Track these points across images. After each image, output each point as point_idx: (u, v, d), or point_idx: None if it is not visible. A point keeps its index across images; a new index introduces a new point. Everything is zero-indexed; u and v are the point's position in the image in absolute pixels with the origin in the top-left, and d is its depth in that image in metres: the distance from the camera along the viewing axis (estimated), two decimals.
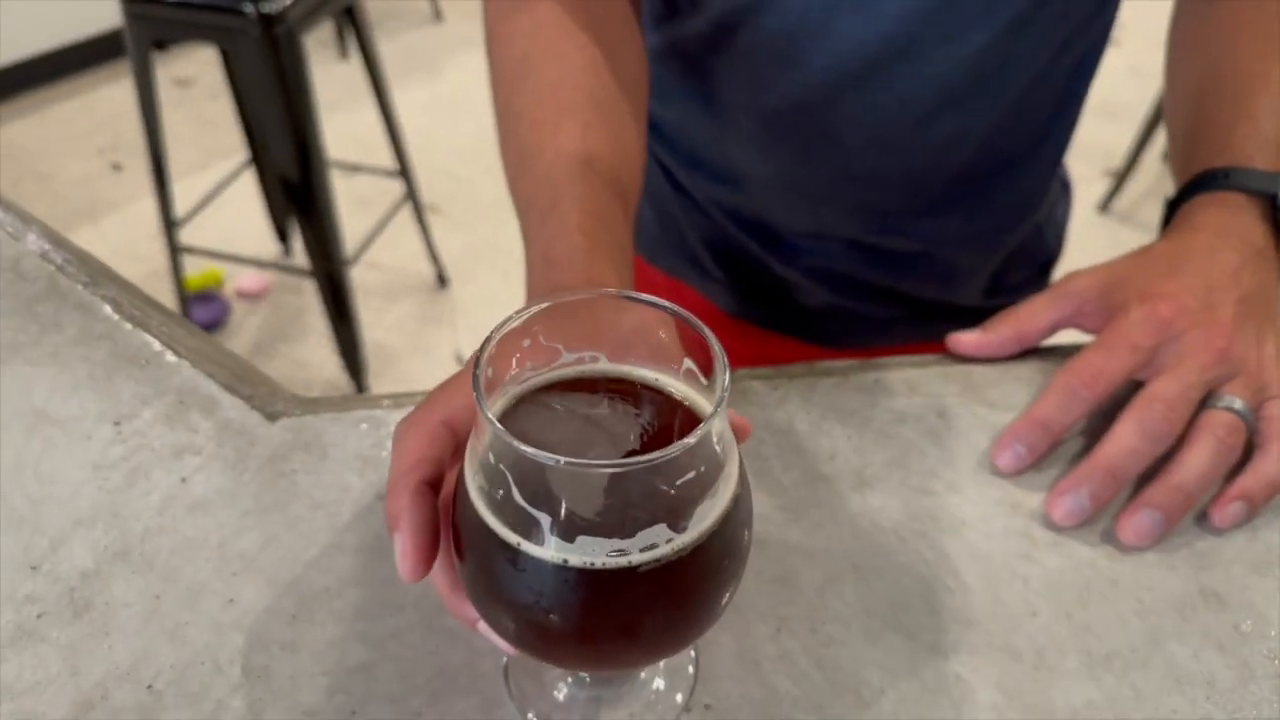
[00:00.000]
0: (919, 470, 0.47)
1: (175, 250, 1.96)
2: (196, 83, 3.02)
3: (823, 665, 0.40)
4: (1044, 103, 0.64)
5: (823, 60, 0.59)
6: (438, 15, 3.43)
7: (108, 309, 0.55)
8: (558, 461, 0.27)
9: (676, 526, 0.29)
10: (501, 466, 0.29)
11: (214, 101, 2.84)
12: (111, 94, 2.99)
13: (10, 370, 0.52)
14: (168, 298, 2.02)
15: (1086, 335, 0.51)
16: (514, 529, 0.29)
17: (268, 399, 0.51)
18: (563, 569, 0.29)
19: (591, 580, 0.29)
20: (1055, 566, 0.43)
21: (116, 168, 2.70)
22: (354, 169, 2.26)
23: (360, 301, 2.00)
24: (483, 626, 0.34)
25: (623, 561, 0.29)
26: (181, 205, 1.98)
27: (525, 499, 0.29)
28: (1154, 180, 2.56)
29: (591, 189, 0.48)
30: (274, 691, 0.39)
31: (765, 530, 0.45)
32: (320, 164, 1.79)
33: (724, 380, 0.30)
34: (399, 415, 0.49)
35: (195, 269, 2.14)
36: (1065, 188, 0.78)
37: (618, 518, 0.29)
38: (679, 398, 0.34)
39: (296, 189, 1.79)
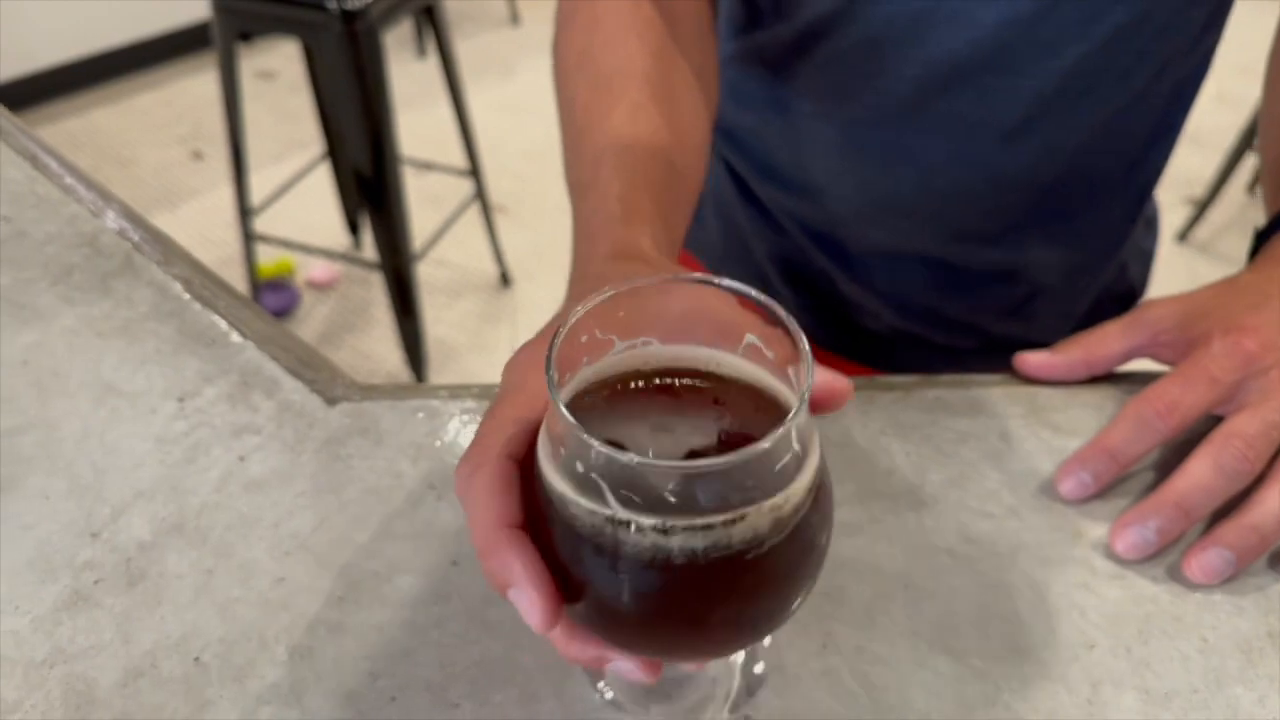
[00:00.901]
0: (978, 492, 0.46)
1: (249, 238, 2.00)
2: (278, 76, 3.10)
3: (867, 684, 0.39)
4: (1138, 127, 0.62)
5: (911, 70, 0.58)
6: (515, 18, 3.47)
7: (179, 288, 0.57)
8: (645, 462, 0.27)
9: (760, 515, 0.29)
10: (592, 475, 0.29)
11: (294, 95, 2.91)
12: (195, 84, 3.08)
13: (82, 341, 0.54)
14: (240, 284, 2.07)
15: (1161, 366, 0.50)
16: (607, 531, 0.29)
17: (328, 384, 0.51)
18: (657, 562, 0.29)
19: (684, 571, 0.29)
20: (1115, 599, 0.42)
21: (197, 156, 2.77)
22: (426, 166, 2.29)
23: (425, 297, 2.03)
24: (614, 665, 0.33)
25: (713, 552, 0.28)
26: (257, 195, 2.03)
27: (618, 501, 0.28)
28: (1236, 211, 2.49)
29: (636, 161, 0.48)
30: (317, 672, 0.39)
31: None
32: (393, 160, 1.82)
33: (808, 372, 0.29)
34: (455, 406, 0.50)
35: (268, 257, 2.19)
36: (1151, 223, 0.75)
37: (708, 508, 0.28)
38: (751, 381, 0.33)
39: (369, 183, 1.83)
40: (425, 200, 2.34)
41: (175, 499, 0.46)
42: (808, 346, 0.29)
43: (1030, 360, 0.52)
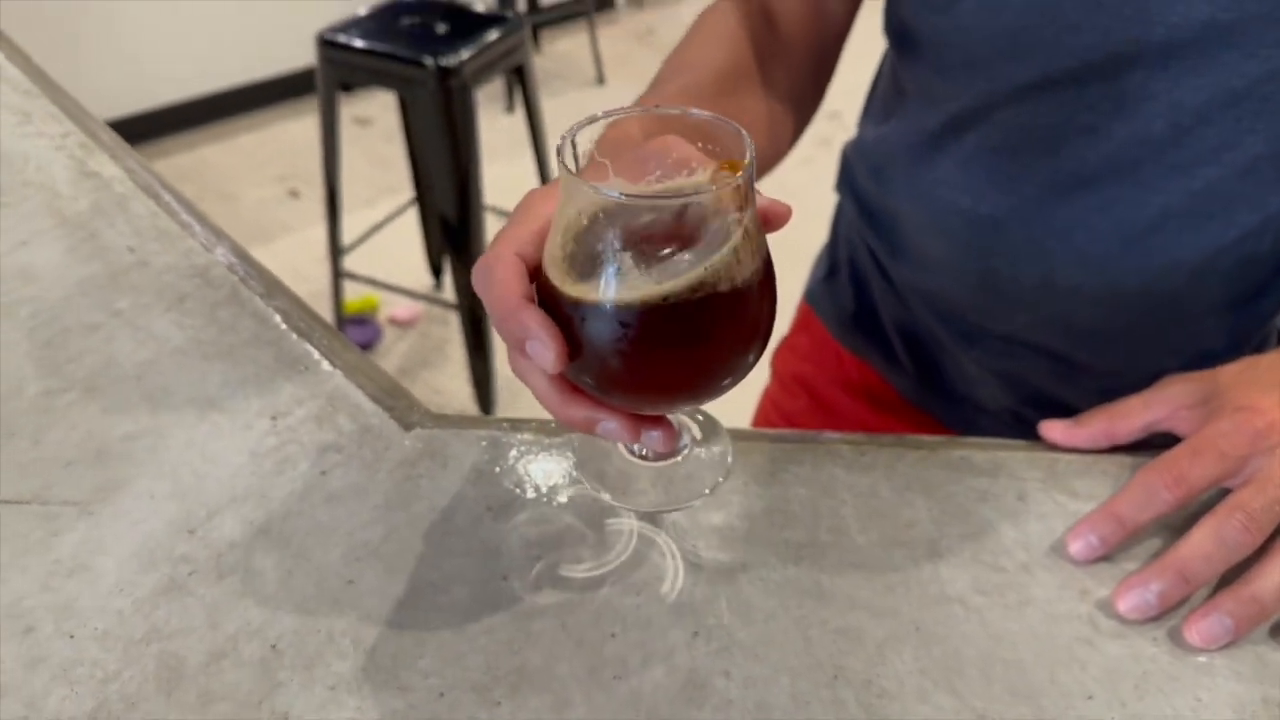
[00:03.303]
0: (992, 548, 0.49)
1: (338, 275, 2.11)
2: (374, 123, 3.25)
3: (871, 713, 0.42)
4: (1269, 253, 0.60)
5: (1042, 174, 0.60)
6: (600, 79, 3.59)
7: (278, 319, 0.63)
8: (627, 196, 0.37)
9: (719, 261, 0.38)
10: (583, 221, 0.38)
11: (388, 142, 3.05)
12: (296, 127, 3.25)
13: (190, 362, 0.60)
14: (326, 317, 2.17)
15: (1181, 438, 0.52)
16: (600, 283, 0.38)
17: (405, 411, 0.57)
18: (637, 305, 0.38)
19: (672, 309, 0.38)
20: (1115, 655, 0.45)
21: (294, 195, 2.92)
22: (507, 215, 2.38)
23: (498, 339, 2.10)
24: (601, 424, 0.42)
25: (681, 295, 0.38)
26: (348, 235, 2.14)
27: (607, 251, 0.38)
28: None
29: (670, 98, 0.53)
30: (376, 664, 0.44)
31: (835, 584, 0.47)
32: (478, 207, 1.91)
33: (749, 153, 0.39)
34: (514, 437, 0.55)
35: (354, 294, 2.30)
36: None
37: (674, 260, 0.38)
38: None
39: (454, 228, 1.91)
40: None
41: (263, 505, 0.51)
42: (750, 139, 0.40)
43: (1055, 428, 0.55)
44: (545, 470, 0.53)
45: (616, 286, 0.38)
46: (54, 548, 0.49)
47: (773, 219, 0.42)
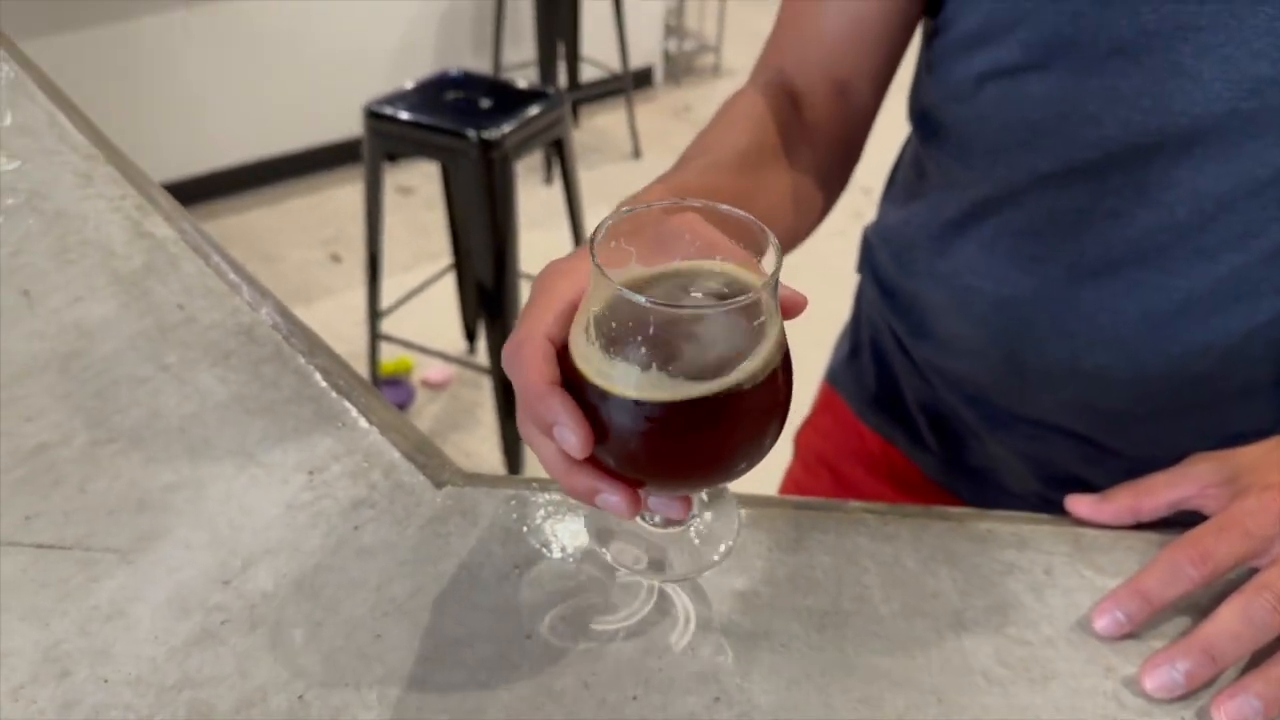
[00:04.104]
0: (1017, 620, 0.49)
1: (375, 337, 2.15)
2: (416, 192, 3.33)
3: None
4: None
5: (1066, 258, 0.61)
6: (637, 153, 3.66)
7: (318, 376, 0.65)
8: (652, 303, 0.38)
9: (738, 366, 0.40)
10: (613, 323, 0.39)
11: (429, 210, 3.13)
12: (341, 194, 3.33)
13: (232, 416, 0.62)
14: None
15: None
16: (627, 378, 0.40)
17: (437, 469, 0.58)
18: (659, 401, 0.39)
19: (698, 405, 0.40)
20: None
21: (336, 259, 2.99)
22: None
23: None
24: (601, 496, 0.42)
25: (702, 393, 0.39)
26: (386, 298, 2.18)
27: (634, 349, 0.39)
28: None
29: (693, 176, 0.54)
30: (400, 718, 0.44)
31: (857, 654, 0.47)
32: (514, 275, 1.95)
33: (776, 257, 0.41)
34: (542, 497, 0.56)
35: (389, 355, 2.34)
36: None
37: (700, 360, 0.39)
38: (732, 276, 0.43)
39: (490, 295, 1.95)
40: None
41: (296, 558, 0.52)
42: (775, 238, 0.41)
43: (1080, 503, 0.55)
44: (571, 529, 0.54)
45: (644, 384, 0.39)
46: (93, 593, 0.50)
47: (790, 309, 0.44)
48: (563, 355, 0.42)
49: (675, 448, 0.41)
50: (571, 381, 0.41)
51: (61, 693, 0.45)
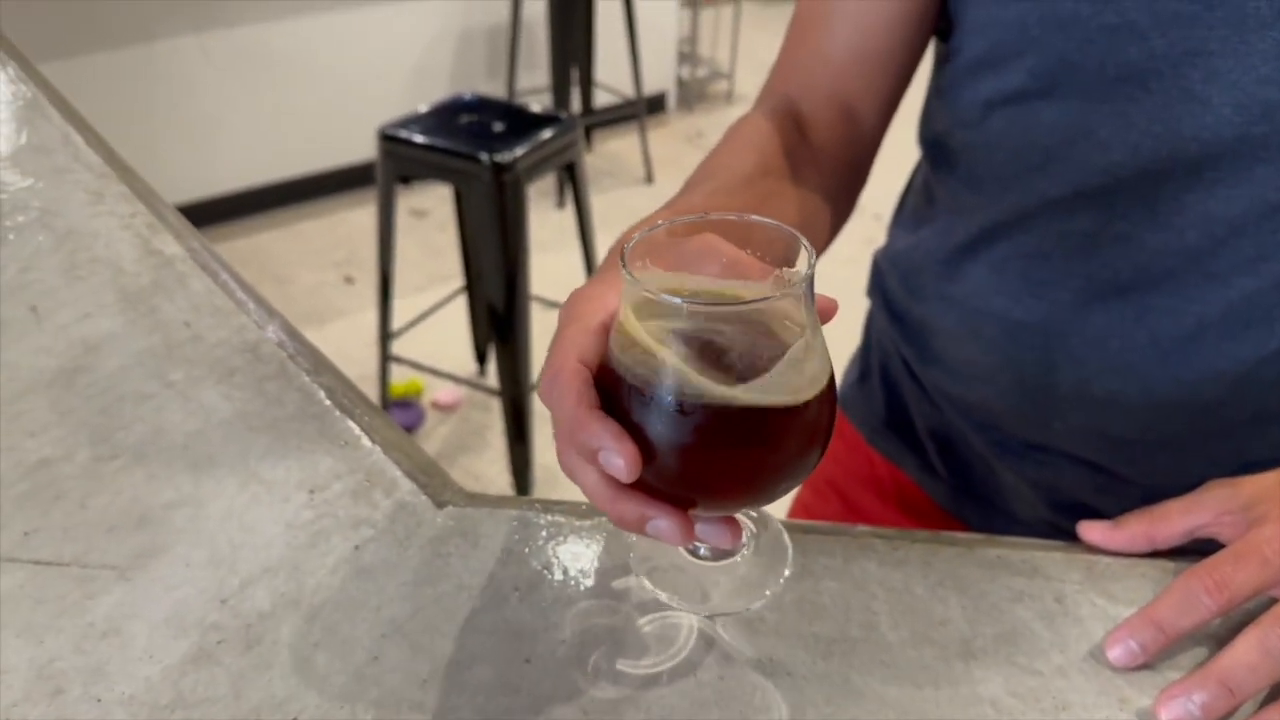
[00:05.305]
0: (1028, 649, 0.48)
1: (386, 359, 2.15)
2: (429, 214, 3.35)
3: None
4: None
5: (1076, 282, 0.61)
6: (649, 178, 3.68)
7: (322, 395, 0.65)
8: (690, 304, 0.38)
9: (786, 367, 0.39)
10: (652, 333, 0.39)
11: (441, 233, 3.14)
12: (354, 216, 3.35)
13: (235, 433, 0.61)
14: (373, 400, 2.21)
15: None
16: (664, 387, 0.39)
17: (439, 489, 0.57)
18: (703, 409, 0.38)
19: (748, 414, 0.39)
20: None
21: (348, 281, 3.00)
22: (552, 305, 2.43)
23: (538, 425, 2.11)
24: (651, 522, 0.41)
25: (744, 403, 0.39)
26: (398, 320, 2.19)
27: (679, 358, 0.38)
28: None
29: (699, 200, 0.53)
30: None
31: (864, 682, 0.46)
32: (524, 298, 1.95)
33: (809, 257, 0.41)
34: (545, 518, 0.55)
35: (400, 377, 2.34)
36: None
37: (744, 361, 0.39)
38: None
39: (500, 317, 1.95)
40: (550, 336, 2.46)
41: (295, 578, 0.52)
42: (809, 243, 0.41)
43: (1094, 530, 0.54)
44: (574, 552, 0.53)
45: (689, 390, 0.38)
46: (89, 610, 0.50)
47: (822, 314, 0.43)
48: (599, 379, 0.41)
49: (724, 456, 0.40)
50: (612, 403, 0.40)
51: (53, 711, 0.45)
